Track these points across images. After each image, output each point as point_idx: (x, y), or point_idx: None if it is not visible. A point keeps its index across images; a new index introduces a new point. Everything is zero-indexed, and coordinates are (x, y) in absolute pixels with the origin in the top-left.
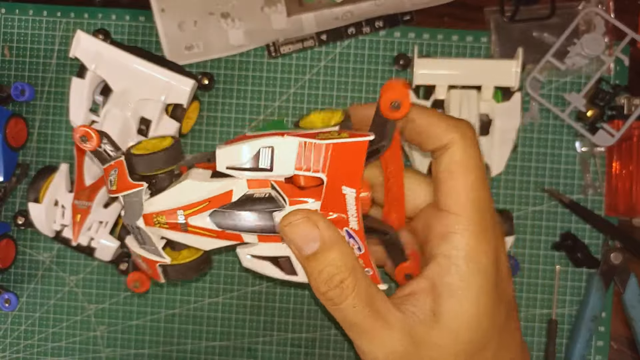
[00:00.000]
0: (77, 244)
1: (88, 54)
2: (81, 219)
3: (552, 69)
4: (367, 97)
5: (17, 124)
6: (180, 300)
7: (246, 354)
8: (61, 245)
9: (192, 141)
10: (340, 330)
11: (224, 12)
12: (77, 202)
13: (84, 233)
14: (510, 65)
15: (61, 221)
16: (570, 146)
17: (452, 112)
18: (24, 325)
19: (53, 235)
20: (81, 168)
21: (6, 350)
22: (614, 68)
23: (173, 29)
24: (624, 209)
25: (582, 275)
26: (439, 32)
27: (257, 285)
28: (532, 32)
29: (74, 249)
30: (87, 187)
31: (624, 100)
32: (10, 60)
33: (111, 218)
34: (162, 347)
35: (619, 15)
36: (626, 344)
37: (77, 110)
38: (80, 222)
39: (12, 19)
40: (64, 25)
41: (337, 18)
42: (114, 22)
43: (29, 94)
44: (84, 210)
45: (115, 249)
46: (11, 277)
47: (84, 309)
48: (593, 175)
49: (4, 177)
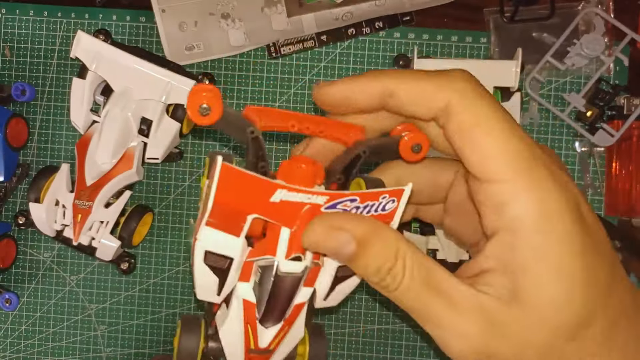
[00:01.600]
0: (78, 244)
1: (88, 54)
2: (82, 219)
3: (552, 69)
4: None
5: (17, 124)
6: (181, 300)
7: None
8: (62, 245)
9: (193, 141)
10: (340, 329)
11: (224, 13)
12: (78, 202)
13: (85, 233)
14: (510, 65)
15: (62, 221)
16: (570, 146)
17: None
18: (25, 325)
19: (54, 235)
20: (82, 168)
21: (7, 350)
22: (614, 68)
23: (173, 30)
24: (624, 209)
25: None
26: (439, 32)
27: None
28: (531, 32)
29: (74, 249)
30: (88, 187)
31: (624, 100)
32: (10, 61)
33: (112, 218)
34: (162, 346)
35: (619, 15)
36: None
37: (78, 110)
38: (81, 222)
39: (13, 19)
40: (64, 26)
41: (337, 19)
42: (114, 22)
43: (30, 94)
44: (85, 210)
45: (116, 248)
46: (12, 276)
47: (84, 308)
48: (593, 175)
49: (4, 177)
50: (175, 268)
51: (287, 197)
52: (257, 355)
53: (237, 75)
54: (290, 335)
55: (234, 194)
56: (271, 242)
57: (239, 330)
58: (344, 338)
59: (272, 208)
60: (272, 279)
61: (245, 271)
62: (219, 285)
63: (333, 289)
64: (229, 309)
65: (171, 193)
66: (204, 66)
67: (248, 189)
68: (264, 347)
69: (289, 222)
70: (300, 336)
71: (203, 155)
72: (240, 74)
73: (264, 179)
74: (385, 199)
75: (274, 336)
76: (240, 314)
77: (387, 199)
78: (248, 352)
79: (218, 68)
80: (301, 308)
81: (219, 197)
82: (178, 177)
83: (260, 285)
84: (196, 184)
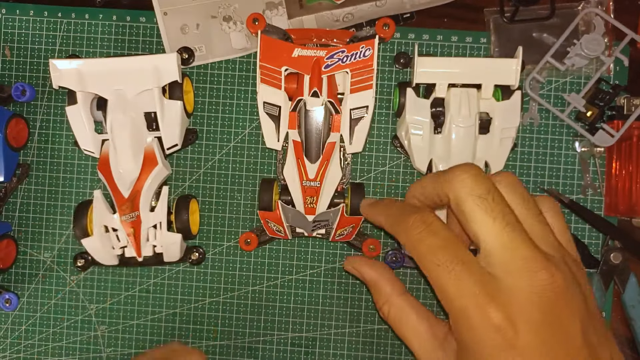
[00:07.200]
0: (144, 259)
1: (70, 78)
2: (136, 232)
3: (552, 69)
4: None
5: (17, 124)
6: (181, 300)
7: (247, 354)
8: (128, 268)
9: (199, 142)
10: (340, 329)
11: (225, 16)
12: (124, 217)
13: (145, 245)
14: (511, 63)
15: (118, 244)
16: (570, 146)
17: (452, 110)
18: (25, 325)
19: (117, 262)
20: (114, 184)
21: (7, 350)
22: (614, 68)
23: (175, 32)
24: (624, 209)
25: None
26: (439, 32)
27: (258, 284)
28: (531, 32)
29: (142, 266)
30: (127, 198)
31: (624, 101)
32: (11, 61)
33: (163, 217)
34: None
35: (619, 15)
36: (626, 344)
37: (84, 136)
38: (136, 234)
39: (13, 19)
40: (64, 26)
41: (337, 20)
42: (114, 22)
43: (30, 94)
44: (134, 222)
45: (180, 243)
46: (12, 277)
47: (84, 308)
48: (593, 175)
49: (4, 177)
50: (175, 268)
51: (301, 53)
52: (310, 187)
53: (237, 75)
54: (330, 172)
55: (270, 55)
56: (300, 89)
57: (294, 165)
58: (344, 338)
59: (294, 61)
60: (304, 118)
61: (291, 121)
62: (276, 130)
63: (353, 132)
64: (286, 153)
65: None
66: (205, 66)
67: (278, 50)
68: (312, 177)
69: (306, 70)
70: (338, 176)
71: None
72: (240, 74)
73: (287, 43)
74: (363, 48)
75: (318, 168)
76: (292, 152)
77: (364, 48)
78: (302, 184)
79: (219, 68)
80: (333, 147)
81: (263, 58)
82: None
83: (300, 128)
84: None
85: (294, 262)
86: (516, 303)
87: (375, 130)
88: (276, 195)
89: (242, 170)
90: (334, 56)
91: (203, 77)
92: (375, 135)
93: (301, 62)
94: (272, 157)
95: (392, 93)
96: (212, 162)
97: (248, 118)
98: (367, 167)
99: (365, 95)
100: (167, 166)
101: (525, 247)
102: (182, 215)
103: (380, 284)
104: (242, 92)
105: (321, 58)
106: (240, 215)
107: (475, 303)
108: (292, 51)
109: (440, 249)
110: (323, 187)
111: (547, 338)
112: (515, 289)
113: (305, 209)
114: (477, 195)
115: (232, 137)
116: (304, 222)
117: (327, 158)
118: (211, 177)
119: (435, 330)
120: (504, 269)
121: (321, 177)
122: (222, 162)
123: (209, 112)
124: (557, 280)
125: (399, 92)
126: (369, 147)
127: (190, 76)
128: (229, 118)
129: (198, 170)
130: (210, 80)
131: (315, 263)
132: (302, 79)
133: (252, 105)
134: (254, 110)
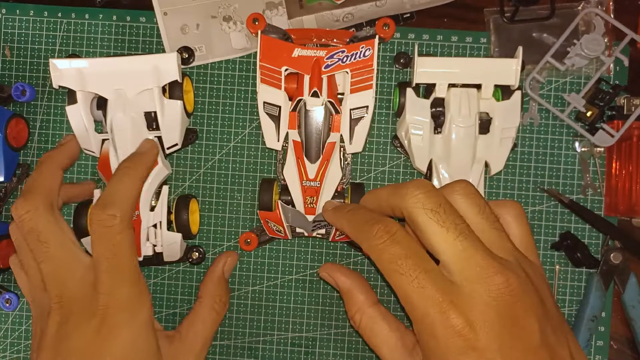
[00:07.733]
0: (144, 258)
1: (70, 78)
2: (136, 231)
3: (552, 69)
4: None
5: (17, 124)
6: (181, 300)
7: (247, 354)
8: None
9: (199, 142)
10: (340, 329)
11: (226, 16)
12: None
13: (145, 244)
14: (511, 63)
15: None
16: (570, 146)
17: (452, 110)
18: (25, 325)
19: None
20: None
21: (7, 350)
22: (614, 68)
23: (176, 32)
24: (624, 209)
25: (581, 275)
26: (439, 32)
27: (258, 284)
28: (531, 32)
29: (142, 265)
30: None
31: (624, 101)
32: (11, 61)
33: (162, 217)
34: None
35: (619, 15)
36: (626, 344)
37: (85, 136)
38: (136, 234)
39: (13, 19)
40: (64, 26)
41: (337, 20)
42: (114, 22)
43: (30, 94)
44: (135, 221)
45: (180, 242)
46: (12, 277)
47: None
48: (593, 175)
49: (4, 178)
50: (175, 268)
51: (301, 53)
52: (310, 187)
53: (237, 75)
54: (330, 172)
55: (270, 54)
56: (300, 89)
57: (294, 165)
58: (344, 338)
59: (294, 61)
60: (304, 118)
61: (291, 121)
62: (277, 130)
63: (353, 132)
64: (286, 153)
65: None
66: (205, 67)
67: (278, 50)
68: (312, 177)
69: (306, 70)
70: (338, 176)
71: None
72: (240, 74)
73: (287, 42)
74: (363, 48)
75: (318, 168)
76: (292, 152)
77: (364, 48)
78: (302, 183)
79: (219, 69)
80: (333, 147)
81: (263, 58)
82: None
83: (300, 128)
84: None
85: (294, 262)
86: (476, 308)
87: (375, 130)
88: (276, 195)
89: (242, 170)
90: (334, 56)
91: (203, 77)
92: (375, 135)
93: (301, 62)
94: (272, 157)
95: (392, 93)
96: (212, 162)
97: (248, 118)
98: (367, 167)
99: (365, 95)
100: (167, 166)
101: (479, 255)
102: (182, 215)
103: (353, 293)
104: (242, 92)
105: (321, 58)
106: (240, 215)
107: (437, 310)
108: (292, 51)
109: (403, 258)
110: (323, 187)
111: (506, 339)
112: (474, 294)
113: (305, 209)
114: (429, 209)
115: (232, 137)
116: (304, 222)
117: (327, 158)
118: (211, 177)
119: (405, 340)
120: (462, 276)
121: (321, 177)
122: (222, 162)
123: (209, 112)
124: (512, 284)
125: (399, 92)
126: (369, 147)
127: (190, 76)
128: (229, 118)
129: (198, 170)
130: (210, 80)
131: (315, 263)
132: (302, 79)
133: (252, 105)
134: (254, 110)
